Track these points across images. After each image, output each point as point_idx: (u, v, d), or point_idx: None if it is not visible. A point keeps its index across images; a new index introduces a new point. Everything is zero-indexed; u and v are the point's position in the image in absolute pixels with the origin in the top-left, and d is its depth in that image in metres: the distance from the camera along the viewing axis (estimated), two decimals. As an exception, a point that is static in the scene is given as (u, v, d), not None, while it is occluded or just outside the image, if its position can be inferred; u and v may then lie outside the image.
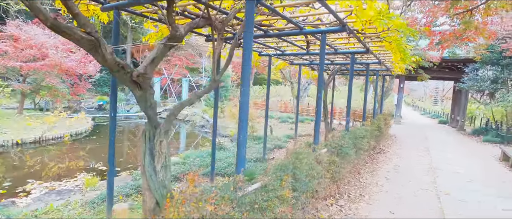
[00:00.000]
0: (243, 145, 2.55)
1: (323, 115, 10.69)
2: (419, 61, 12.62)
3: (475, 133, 14.60)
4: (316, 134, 4.49)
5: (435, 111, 29.87)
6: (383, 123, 10.04)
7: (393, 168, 7.22)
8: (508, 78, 13.25)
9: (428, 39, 10.58)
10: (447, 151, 9.85)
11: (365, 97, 8.41)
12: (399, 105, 18.42)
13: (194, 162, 6.91)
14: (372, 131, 8.13)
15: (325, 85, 10.21)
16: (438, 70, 17.29)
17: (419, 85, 49.52)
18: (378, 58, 7.44)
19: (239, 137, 2.55)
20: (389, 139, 11.64)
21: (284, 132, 14.07)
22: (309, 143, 5.49)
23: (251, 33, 2.47)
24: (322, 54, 4.33)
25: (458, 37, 5.80)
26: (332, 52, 6.53)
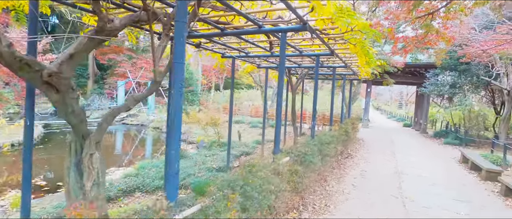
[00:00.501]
0: (174, 161, 2.06)
1: (291, 120, 10.46)
2: (384, 66, 12.91)
3: (436, 136, 15.22)
4: (276, 142, 4.10)
5: (400, 115, 31.22)
6: (350, 127, 9.99)
7: (360, 174, 7.07)
8: (464, 83, 13.97)
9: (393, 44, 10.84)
10: (411, 154, 10.01)
11: (332, 102, 8.26)
12: (367, 109, 18.84)
13: (149, 173, 6.25)
14: (339, 135, 7.97)
15: (293, 89, 9.99)
16: (402, 75, 17.96)
17: (385, 90, 51.80)
18: (344, 61, 7.31)
19: (169, 152, 2.06)
20: (357, 143, 11.67)
21: (253, 137, 13.69)
22: (290, 147, 5.13)
23: (183, 22, 2.02)
24: (282, 55, 3.97)
25: (420, 41, 5.81)
26: (297, 54, 6.25)
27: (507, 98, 11.87)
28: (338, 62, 7.86)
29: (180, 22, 2.02)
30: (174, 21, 2.04)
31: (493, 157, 8.81)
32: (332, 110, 8.31)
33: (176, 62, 2.07)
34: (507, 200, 5.65)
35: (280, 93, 4.04)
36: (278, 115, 4.06)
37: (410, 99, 39.45)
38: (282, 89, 4.08)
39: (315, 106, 6.19)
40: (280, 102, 4.06)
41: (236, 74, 25.39)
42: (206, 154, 8.68)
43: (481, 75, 13.04)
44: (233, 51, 6.90)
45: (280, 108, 4.05)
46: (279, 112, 4.04)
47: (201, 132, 12.00)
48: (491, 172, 6.93)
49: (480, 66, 13.16)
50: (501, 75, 11.89)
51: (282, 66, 4.00)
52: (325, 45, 5.38)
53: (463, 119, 13.63)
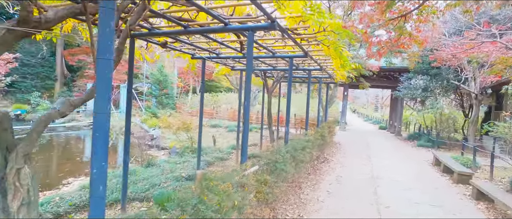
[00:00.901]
0: (98, 183, 1.65)
1: (267, 123, 10.18)
2: (359, 69, 13.01)
3: (410, 138, 15.55)
4: (243, 151, 3.76)
5: (376, 117, 32.02)
6: (327, 131, 9.87)
7: (335, 179, 6.88)
8: (435, 87, 14.40)
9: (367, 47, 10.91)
10: (386, 157, 10.04)
11: (307, 105, 8.06)
12: (344, 112, 19.01)
13: (108, 184, 5.67)
14: (315, 140, 7.77)
15: (269, 92, 9.73)
16: (378, 79, 18.31)
17: (362, 94, 53.19)
18: (319, 64, 7.13)
19: (91, 172, 1.64)
20: (333, 146, 11.60)
21: (229, 142, 13.27)
22: (252, 155, 4.78)
23: (111, 9, 1.62)
24: (250, 55, 3.65)
25: (394, 44, 5.75)
26: (269, 56, 5.97)
27: (475, 102, 12.31)
28: (313, 65, 7.68)
29: (106, 9, 1.63)
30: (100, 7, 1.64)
31: (464, 159, 8.99)
32: (308, 114, 8.11)
33: (100, 58, 1.66)
34: (478, 203, 5.64)
35: (247, 97, 3.71)
36: (246, 120, 3.72)
37: (385, 103, 40.70)
38: (249, 92, 3.75)
39: (289, 110, 5.92)
40: (248, 106, 3.73)
41: (212, 77, 24.85)
42: (177, 160, 8.17)
43: (451, 79, 13.48)
44: (203, 52, 6.52)
45: (248, 112, 3.72)
46: (247, 117, 3.71)
47: (174, 137, 11.43)
48: (463, 174, 6.98)
49: (450, 70, 13.59)
50: (469, 79, 12.33)
51: (249, 67, 3.67)
52: (298, 46, 5.13)
53: (435, 122, 14.02)
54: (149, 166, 7.27)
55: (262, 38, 5.15)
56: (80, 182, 6.63)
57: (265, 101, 14.36)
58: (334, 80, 10.54)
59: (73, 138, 16.12)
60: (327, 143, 10.02)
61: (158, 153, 11.44)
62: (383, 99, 43.86)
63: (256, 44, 5.25)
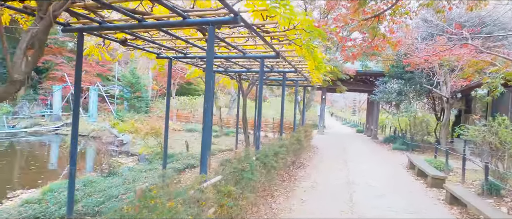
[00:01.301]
0: None
1: (243, 127, 9.81)
2: (336, 72, 12.99)
3: (386, 141, 15.75)
4: (202, 160, 3.35)
5: (353, 121, 32.58)
6: (303, 135, 9.64)
7: (311, 186, 6.60)
8: (409, 91, 14.69)
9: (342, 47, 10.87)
10: (363, 162, 9.96)
11: (281, 109, 7.77)
12: (322, 116, 19.03)
13: (58, 197, 5.04)
14: (290, 145, 7.48)
15: (245, 95, 9.38)
16: (354, 83, 18.50)
17: (340, 97, 54.22)
18: (293, 66, 6.87)
19: None
20: (311, 151, 11.41)
21: (205, 147, 12.78)
22: (226, 160, 4.35)
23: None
24: (210, 51, 3.27)
25: (368, 46, 5.60)
26: (239, 56, 5.62)
27: (446, 106, 12.62)
28: (288, 67, 7.43)
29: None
30: None
31: (437, 162, 9.06)
32: (283, 117, 7.83)
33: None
34: (452, 208, 5.56)
35: (208, 99, 3.31)
36: (206, 126, 3.33)
37: (362, 106, 41.64)
38: (211, 94, 3.36)
39: (260, 114, 5.59)
40: (208, 109, 3.33)
41: (190, 79, 24.15)
42: (144, 168, 7.59)
43: (424, 84, 13.78)
44: (170, 52, 6.05)
45: (209, 116, 3.33)
46: (207, 122, 3.32)
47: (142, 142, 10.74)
48: (436, 178, 6.95)
49: (423, 75, 13.92)
50: (441, 83, 12.63)
51: (209, 65, 3.28)
52: (269, 46, 4.82)
53: (409, 125, 14.26)
54: (111, 175, 6.64)
55: (231, 37, 4.79)
56: (28, 195, 5.90)
57: (242, 105, 13.92)
58: (311, 83, 10.37)
59: (34, 144, 14.89)
60: (303, 147, 9.79)
61: (127, 159, 10.73)
62: (360, 103, 44.89)
63: (225, 43, 4.89)
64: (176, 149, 12.17)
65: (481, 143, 7.14)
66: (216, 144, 12.90)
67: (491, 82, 4.51)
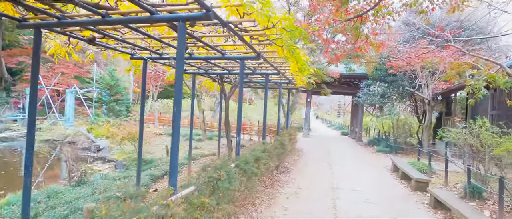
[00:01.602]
0: None
1: (225, 131, 9.48)
2: (320, 74, 12.92)
3: (370, 143, 15.83)
4: (172, 170, 3.03)
5: (338, 123, 32.86)
6: (288, 138, 9.44)
7: (294, 192, 6.37)
8: (392, 93, 14.85)
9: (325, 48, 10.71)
10: (347, 165, 9.88)
11: (264, 112, 7.53)
12: (307, 118, 18.97)
13: (17, 212, 4.55)
14: (273, 149, 7.25)
15: (227, 97, 9.08)
16: (339, 86, 18.58)
17: (325, 100, 54.78)
18: (275, 68, 6.65)
19: None
20: (295, 154, 11.23)
21: (187, 151, 12.32)
22: (206, 166, 4.02)
23: None
24: (180, 50, 2.98)
25: (351, 48, 5.48)
26: (218, 57, 5.34)
27: (428, 108, 12.80)
28: (271, 69, 7.21)
29: None
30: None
31: (420, 164, 9.08)
32: (266, 121, 7.58)
33: None
34: (436, 212, 5.47)
35: (177, 101, 3.00)
36: (175, 130, 3.02)
37: (347, 109, 42.16)
38: (180, 96, 3.04)
39: (240, 117, 5.32)
40: (178, 112, 3.02)
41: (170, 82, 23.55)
42: (118, 176, 7.13)
43: (406, 86, 13.96)
44: (144, 52, 5.69)
45: (178, 120, 3.02)
46: (176, 126, 3.01)
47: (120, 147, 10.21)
48: (420, 181, 6.89)
49: (405, 77, 14.11)
50: (422, 86, 12.81)
51: (179, 65, 2.99)
52: (248, 46, 4.57)
53: (392, 127, 14.38)
54: (81, 184, 6.15)
55: (207, 35, 4.50)
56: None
57: (224, 108, 13.55)
58: (295, 86, 10.21)
59: (3, 150, 13.95)
60: (288, 151, 9.59)
61: (103, 166, 10.16)
62: (345, 105, 45.46)
63: (201, 42, 4.59)
64: (156, 154, 11.70)
65: (463, 145, 7.17)
66: (199, 149, 12.51)
67: (474, 84, 4.46)
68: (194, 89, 8.11)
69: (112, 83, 16.30)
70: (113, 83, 16.35)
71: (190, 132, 8.11)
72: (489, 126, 6.75)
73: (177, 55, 2.98)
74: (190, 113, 8.13)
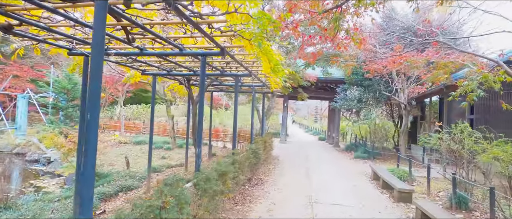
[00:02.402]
0: None
1: (193, 139, 8.55)
2: (296, 78, 12.39)
3: (347, 149, 15.50)
4: (83, 200, 2.13)
5: (316, 128, 32.74)
6: (262, 146, 8.68)
7: (267, 210, 5.58)
8: (369, 98, 14.65)
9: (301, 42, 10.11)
10: (326, 173, 9.29)
11: (234, 118, 6.74)
12: (284, 124, 18.38)
13: None
14: (245, 160, 6.45)
15: (195, 102, 8.18)
16: (316, 90, 18.22)
17: (303, 105, 54.97)
18: (246, 68, 5.90)
19: None
20: (271, 162, 10.49)
21: (153, 162, 11.18)
22: (168, 181, 3.09)
23: None
24: (97, 37, 2.11)
25: (330, 42, 4.88)
26: (175, 52, 4.49)
27: (404, 112, 12.63)
28: (242, 70, 6.45)
29: None
30: None
31: (400, 171, 8.67)
32: (236, 127, 6.77)
33: None
34: (424, 229, 4.92)
35: (92, 108, 2.13)
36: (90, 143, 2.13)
37: (324, 114, 42.40)
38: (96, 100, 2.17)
39: (201, 124, 4.48)
40: (95, 120, 2.14)
41: (147, 87, 22.12)
42: (59, 195, 5.97)
43: (382, 90, 13.79)
44: (87, 47, 4.70)
45: (93, 130, 2.14)
46: (92, 138, 2.12)
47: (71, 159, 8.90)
48: (403, 192, 6.38)
49: (381, 82, 13.96)
50: (398, 90, 12.65)
51: (96, 57, 2.11)
52: (207, 38, 3.77)
53: (369, 132, 14.11)
54: (4, 209, 4.95)
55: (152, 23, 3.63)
56: None
57: (209, 114, 12.58)
58: (270, 89, 9.52)
59: None
60: (262, 160, 8.83)
61: (50, 182, 8.81)
62: (322, 110, 45.77)
63: (153, 34, 3.73)
64: (117, 165, 10.49)
65: (446, 151, 6.79)
66: (167, 158, 11.42)
67: (467, 85, 4.00)
68: (154, 92, 7.13)
69: (69, 87, 14.64)
70: (71, 87, 14.68)
71: (150, 140, 7.11)
72: (470, 131, 6.43)
73: (93, 41, 2.11)
74: (150, 119, 7.14)
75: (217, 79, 8.14)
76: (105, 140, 14.90)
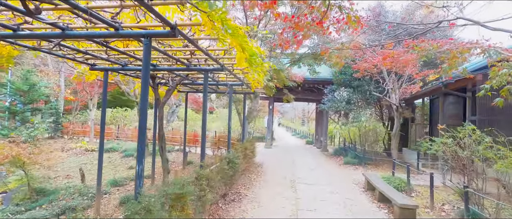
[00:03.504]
0: None
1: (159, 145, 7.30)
2: (280, 76, 11.37)
3: (336, 153, 14.57)
4: None
5: (303, 132, 31.90)
6: (242, 154, 7.54)
7: (242, 236, 4.45)
8: (358, 99, 13.81)
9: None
10: (314, 183, 8.25)
11: (203, 121, 5.58)
12: (269, 128, 17.31)
13: None
14: (218, 172, 5.30)
15: (161, 103, 6.96)
16: (303, 92, 17.30)
17: (290, 108, 54.28)
18: (214, 59, 4.78)
19: None
20: (253, 171, 9.36)
21: (119, 172, 9.83)
22: None
23: None
24: None
25: (318, 27, 3.86)
26: (109, 33, 3.30)
27: (396, 114, 11.82)
28: (213, 64, 5.32)
29: None
30: None
31: (396, 180, 7.73)
32: (204, 132, 5.58)
33: None
34: (438, 260, 3.91)
35: None
36: None
37: (311, 116, 41.75)
38: None
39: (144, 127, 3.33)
40: None
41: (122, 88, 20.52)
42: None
43: (372, 91, 12.98)
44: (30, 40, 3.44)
45: None
46: None
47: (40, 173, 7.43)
48: (405, 208, 5.38)
49: (371, 82, 13.17)
50: (390, 90, 11.84)
51: None
52: (146, 9, 2.62)
53: (359, 136, 13.23)
54: None
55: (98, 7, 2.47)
56: None
57: (188, 117, 11.55)
58: (251, 89, 8.41)
59: None
60: (242, 170, 7.70)
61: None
62: (309, 113, 45.15)
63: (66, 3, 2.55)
64: (75, 178, 9.09)
65: (451, 157, 5.88)
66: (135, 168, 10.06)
67: (503, 75, 3.05)
68: (105, 92, 5.87)
69: (25, 88, 12.93)
70: (27, 88, 12.98)
71: (100, 149, 5.85)
72: (479, 135, 5.56)
73: None
74: (101, 125, 5.88)
75: (188, 77, 6.97)
76: (69, 147, 13.37)
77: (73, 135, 16.38)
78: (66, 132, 16.55)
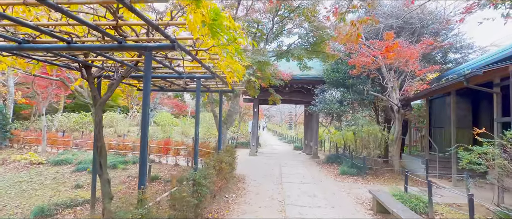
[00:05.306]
0: None
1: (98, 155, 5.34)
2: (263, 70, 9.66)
3: (329, 161, 12.97)
4: None
5: (290, 136, 30.31)
6: (215, 172, 5.71)
7: None
8: (353, 99, 12.34)
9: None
10: (308, 204, 6.53)
11: (143, 123, 3.73)
12: (254, 133, 15.52)
13: None
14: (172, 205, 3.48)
15: (101, 102, 5.04)
16: (290, 92, 15.70)
17: (276, 112, 52.83)
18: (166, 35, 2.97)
19: None
20: (232, 188, 7.52)
21: (61, 193, 7.70)
22: None
23: None
24: None
25: None
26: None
27: (398, 116, 10.34)
28: (161, 40, 3.50)
29: None
30: None
31: (411, 198, 6.13)
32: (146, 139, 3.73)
33: None
34: None
35: None
36: None
37: (299, 120, 40.33)
38: None
39: None
40: None
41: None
42: None
43: (370, 90, 11.53)
44: None
45: None
46: None
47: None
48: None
49: (368, 80, 11.76)
50: (390, 89, 10.38)
51: None
52: None
53: (355, 141, 11.66)
54: None
55: None
56: None
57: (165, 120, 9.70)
58: (228, 85, 6.60)
59: None
60: (213, 192, 5.87)
61: None
62: (297, 116, 43.75)
63: None
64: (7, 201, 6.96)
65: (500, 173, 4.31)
66: (83, 187, 7.99)
67: None
68: None
69: None
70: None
71: None
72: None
73: None
74: None
75: (138, 66, 5.08)
76: (12, 160, 11.06)
77: (24, 144, 13.97)
78: (16, 140, 14.13)
